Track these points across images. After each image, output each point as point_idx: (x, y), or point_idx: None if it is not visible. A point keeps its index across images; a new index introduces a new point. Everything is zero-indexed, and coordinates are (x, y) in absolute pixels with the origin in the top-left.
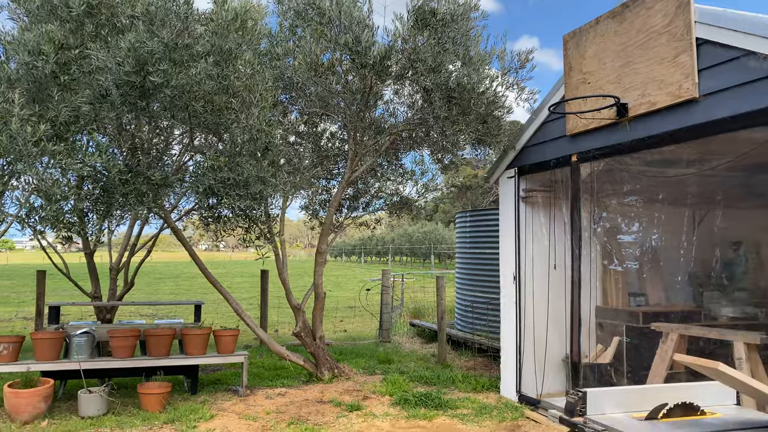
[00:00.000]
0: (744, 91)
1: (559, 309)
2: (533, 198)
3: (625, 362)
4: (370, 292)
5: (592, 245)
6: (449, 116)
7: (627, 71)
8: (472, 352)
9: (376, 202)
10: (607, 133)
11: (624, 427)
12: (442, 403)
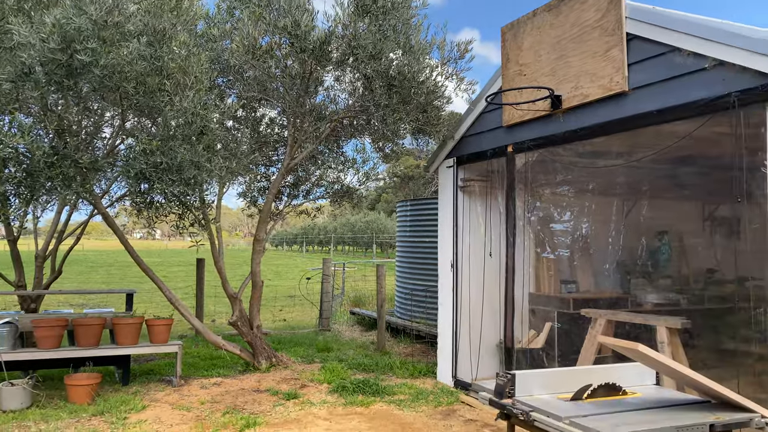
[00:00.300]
0: (669, 86)
1: (494, 296)
2: (471, 187)
3: (557, 347)
4: (311, 282)
5: (526, 234)
6: (390, 104)
7: (561, 64)
8: (411, 339)
9: (316, 190)
10: (542, 124)
11: (550, 407)
12: (380, 389)
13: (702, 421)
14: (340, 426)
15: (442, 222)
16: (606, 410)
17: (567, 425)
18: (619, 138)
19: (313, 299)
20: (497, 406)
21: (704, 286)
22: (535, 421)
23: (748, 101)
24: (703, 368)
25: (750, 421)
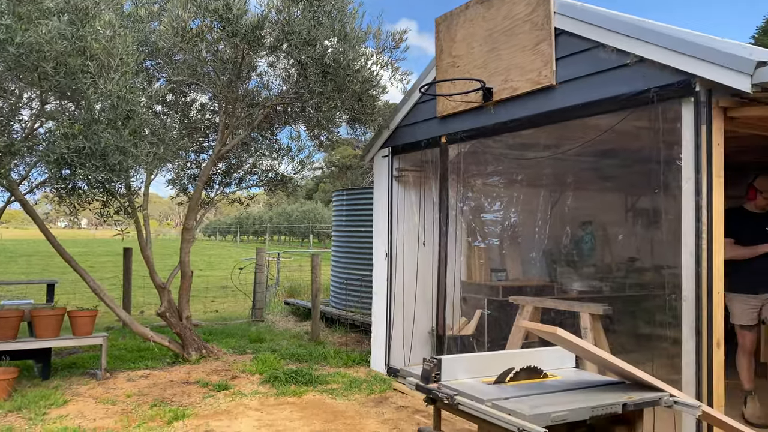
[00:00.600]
0: (594, 81)
1: (427, 284)
2: (406, 177)
3: (486, 333)
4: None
5: (459, 223)
6: (325, 92)
7: (493, 56)
8: (346, 328)
9: (249, 178)
10: (474, 116)
11: (474, 390)
12: (313, 379)
13: (616, 401)
14: (272, 416)
15: (377, 211)
16: (527, 392)
17: (489, 407)
18: (546, 130)
19: (246, 290)
20: (423, 390)
21: (626, 274)
22: (459, 405)
23: (666, 97)
24: (623, 352)
25: (659, 400)
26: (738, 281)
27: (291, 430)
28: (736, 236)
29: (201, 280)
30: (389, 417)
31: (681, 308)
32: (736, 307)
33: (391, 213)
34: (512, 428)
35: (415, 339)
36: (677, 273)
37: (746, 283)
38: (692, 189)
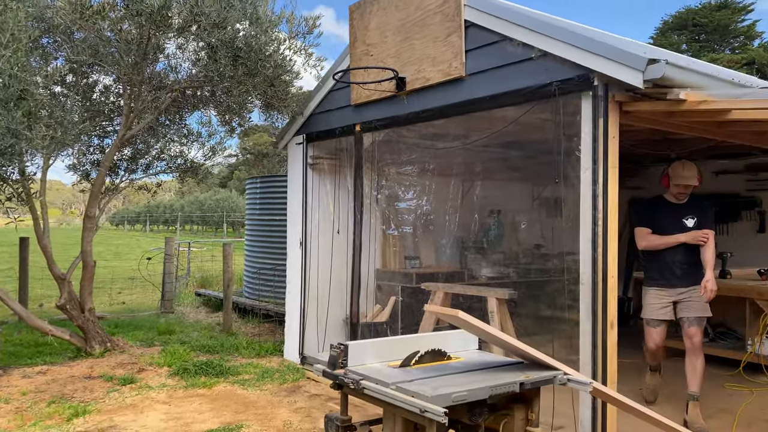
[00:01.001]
0: (502, 73)
1: (341, 273)
2: (320, 165)
3: (400, 320)
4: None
5: (373, 211)
6: (235, 76)
7: (405, 46)
8: (259, 318)
9: (157, 165)
10: (388, 105)
11: (380, 374)
12: (224, 370)
13: (513, 380)
14: (180, 409)
15: (291, 200)
16: (431, 375)
17: (393, 390)
18: (457, 121)
19: (155, 281)
20: (330, 376)
21: (532, 260)
22: (365, 389)
23: (567, 90)
24: (527, 334)
25: (554, 378)
26: (652, 273)
27: (200, 422)
28: (652, 226)
29: (107, 270)
30: (302, 405)
31: (579, 292)
32: (647, 301)
33: (306, 201)
34: (414, 410)
35: (330, 327)
36: (577, 259)
37: (659, 275)
38: (590, 179)
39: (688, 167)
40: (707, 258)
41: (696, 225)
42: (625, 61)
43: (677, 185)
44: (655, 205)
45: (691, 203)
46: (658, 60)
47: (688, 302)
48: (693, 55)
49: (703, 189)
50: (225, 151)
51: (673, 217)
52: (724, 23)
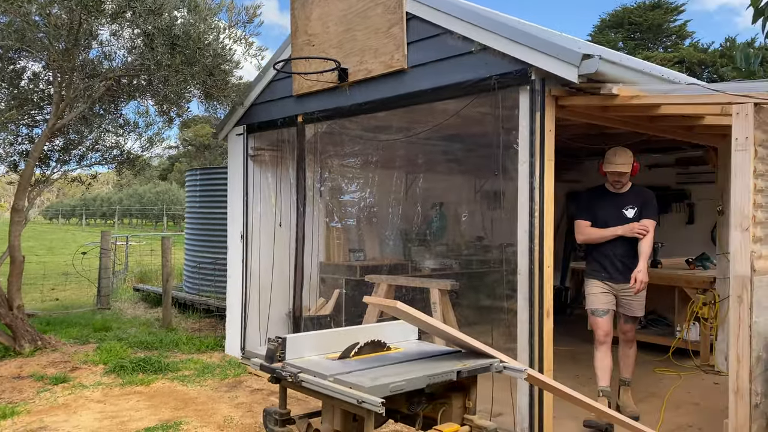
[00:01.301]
0: (443, 66)
1: (284, 266)
2: (262, 156)
3: (344, 313)
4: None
5: (316, 204)
6: (173, 64)
7: (348, 37)
8: (200, 314)
9: (92, 156)
10: (330, 96)
11: (318, 367)
12: (163, 366)
13: (451, 369)
14: (116, 407)
15: (232, 192)
16: (370, 366)
17: (331, 382)
18: (400, 113)
19: (90, 276)
20: (267, 370)
21: (474, 251)
22: (303, 382)
23: (506, 84)
24: (468, 323)
25: (490, 366)
26: (593, 265)
27: (137, 420)
28: (592, 217)
29: (39, 266)
30: (243, 401)
31: (517, 282)
32: (589, 291)
33: (247, 194)
34: (352, 401)
35: (272, 322)
36: (515, 250)
37: (601, 267)
38: (527, 172)
39: (620, 154)
40: (643, 248)
41: (636, 215)
42: (561, 56)
43: (610, 173)
44: (596, 195)
45: (633, 193)
46: (592, 55)
47: (628, 300)
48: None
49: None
50: (163, 142)
51: (613, 207)
52: (658, 22)
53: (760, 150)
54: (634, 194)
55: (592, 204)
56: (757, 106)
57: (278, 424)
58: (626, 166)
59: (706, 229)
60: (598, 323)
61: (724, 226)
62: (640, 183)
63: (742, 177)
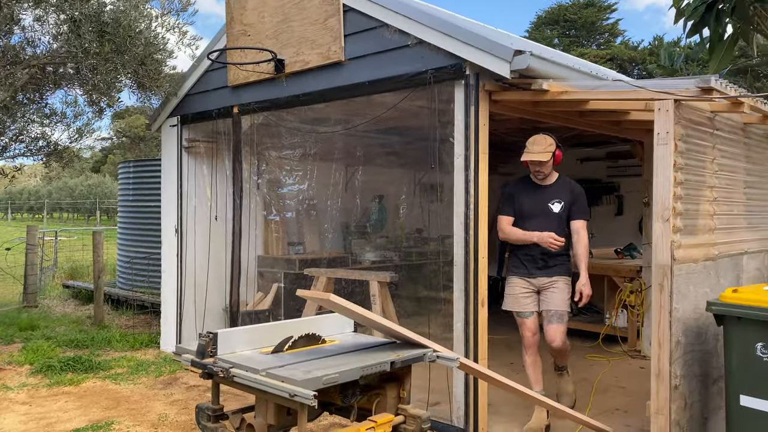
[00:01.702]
0: (380, 59)
1: (221, 260)
2: (197, 148)
3: (283, 307)
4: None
5: (253, 197)
6: (101, 52)
7: (284, 28)
8: (134, 310)
9: (15, 147)
10: (267, 87)
11: (250, 361)
12: (94, 365)
13: (384, 359)
14: (43, 408)
15: (165, 185)
16: (303, 359)
17: (263, 377)
18: (338, 105)
19: (16, 273)
20: (198, 366)
21: (414, 243)
22: (235, 377)
23: (442, 78)
24: (407, 315)
25: (424, 356)
26: (514, 262)
27: (65, 421)
28: (516, 211)
29: None
30: (179, 398)
31: (453, 272)
32: (509, 291)
33: (181, 186)
34: (284, 394)
35: (209, 317)
36: (452, 242)
37: (521, 264)
38: (463, 165)
39: (538, 141)
40: (579, 253)
41: (564, 210)
42: (494, 51)
43: (530, 162)
44: (520, 187)
45: (561, 186)
46: (524, 52)
47: (549, 293)
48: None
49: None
50: (94, 134)
51: (538, 200)
52: (591, 20)
53: (680, 144)
54: (562, 187)
55: (515, 197)
56: (677, 102)
57: (211, 419)
58: (545, 154)
59: (634, 220)
60: (525, 324)
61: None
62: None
63: (663, 170)
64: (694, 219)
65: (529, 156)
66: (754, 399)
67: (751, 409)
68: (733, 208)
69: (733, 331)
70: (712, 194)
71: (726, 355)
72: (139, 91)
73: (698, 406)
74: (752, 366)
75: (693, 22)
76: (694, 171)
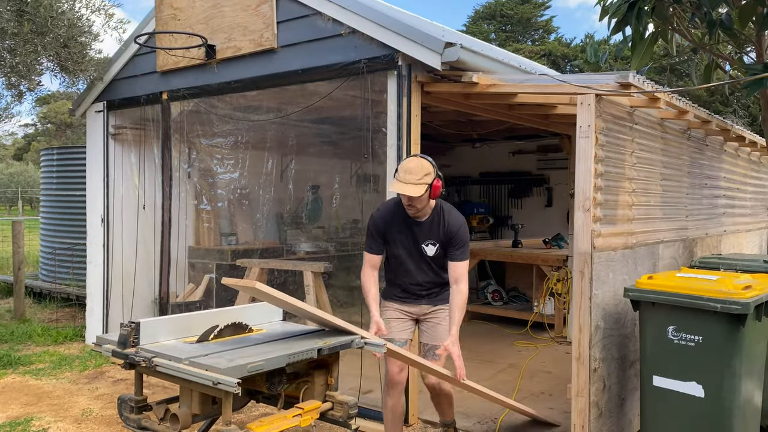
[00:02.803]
0: (313, 47)
1: (149, 251)
2: (124, 135)
3: (215, 298)
4: None
5: (183, 186)
6: (20, 33)
7: (215, 13)
8: (58, 303)
9: None
10: (197, 73)
11: (174, 351)
12: (13, 360)
13: (311, 347)
14: None
15: (91, 172)
16: (229, 348)
17: (187, 365)
18: (271, 93)
19: None
20: (120, 356)
21: (350, 234)
22: (158, 366)
23: (375, 69)
24: (340, 304)
25: (351, 342)
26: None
27: None
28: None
29: None
30: (104, 392)
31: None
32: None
33: (107, 174)
34: (207, 383)
35: (137, 309)
36: None
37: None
38: (395, 155)
39: (412, 170)
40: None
41: (438, 253)
42: (426, 43)
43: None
44: (390, 219)
45: (434, 222)
46: (454, 44)
47: (434, 324)
48: (500, 44)
49: (502, 167)
50: (13, 119)
51: (409, 240)
52: (527, 16)
53: (600, 137)
54: (437, 225)
55: (385, 230)
56: (598, 96)
57: (133, 411)
58: (418, 187)
59: (562, 211)
60: (389, 362)
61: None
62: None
63: (585, 162)
64: (613, 209)
65: (401, 188)
66: (666, 379)
67: (662, 389)
68: (651, 199)
69: (647, 316)
70: (631, 186)
71: (641, 338)
72: (62, 75)
73: (616, 388)
74: (664, 348)
75: (616, 20)
76: (614, 163)
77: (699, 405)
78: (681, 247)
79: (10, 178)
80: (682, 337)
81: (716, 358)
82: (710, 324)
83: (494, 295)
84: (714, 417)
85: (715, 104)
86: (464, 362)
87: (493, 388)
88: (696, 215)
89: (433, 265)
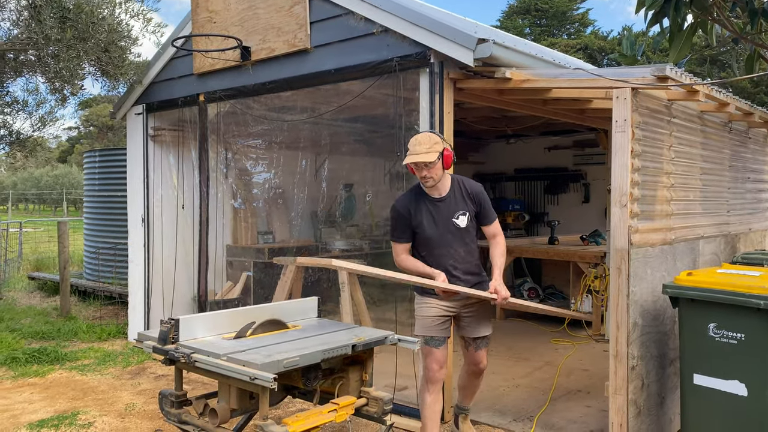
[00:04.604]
0: (346, 47)
1: (188, 249)
2: (162, 137)
3: (253, 295)
4: None
5: (220, 185)
6: (63, 39)
7: (250, 15)
8: (101, 301)
9: None
10: (233, 74)
11: (212, 347)
12: (60, 356)
13: (346, 343)
14: (7, 400)
15: (131, 174)
16: (265, 344)
17: (225, 361)
18: (305, 93)
19: None
20: (160, 352)
21: (383, 232)
22: (197, 362)
23: (407, 66)
24: (374, 301)
25: (385, 339)
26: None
27: (30, 412)
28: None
29: None
30: (146, 387)
31: None
32: (422, 313)
33: (147, 175)
34: (245, 378)
35: (177, 306)
36: None
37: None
38: None
39: (421, 141)
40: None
41: (470, 221)
42: (458, 39)
43: (414, 165)
44: (414, 206)
45: (458, 193)
46: (487, 40)
47: (472, 317)
48: (534, 38)
49: (537, 163)
50: (57, 122)
51: (438, 219)
52: (562, 10)
53: (637, 131)
54: (460, 195)
55: (410, 218)
56: (634, 90)
57: (174, 405)
58: (430, 154)
59: (600, 207)
60: (433, 355)
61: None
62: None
63: (621, 156)
64: (651, 205)
65: (412, 158)
66: (707, 377)
67: (703, 387)
68: (690, 194)
69: (686, 313)
70: (669, 180)
71: (680, 335)
72: (103, 79)
73: (655, 386)
74: (704, 345)
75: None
76: (652, 158)
77: (742, 404)
78: (722, 243)
79: (55, 180)
80: (724, 335)
81: (760, 356)
82: (753, 321)
83: (530, 293)
84: (758, 416)
85: (760, 95)
86: (501, 360)
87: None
88: (739, 210)
89: (465, 239)
